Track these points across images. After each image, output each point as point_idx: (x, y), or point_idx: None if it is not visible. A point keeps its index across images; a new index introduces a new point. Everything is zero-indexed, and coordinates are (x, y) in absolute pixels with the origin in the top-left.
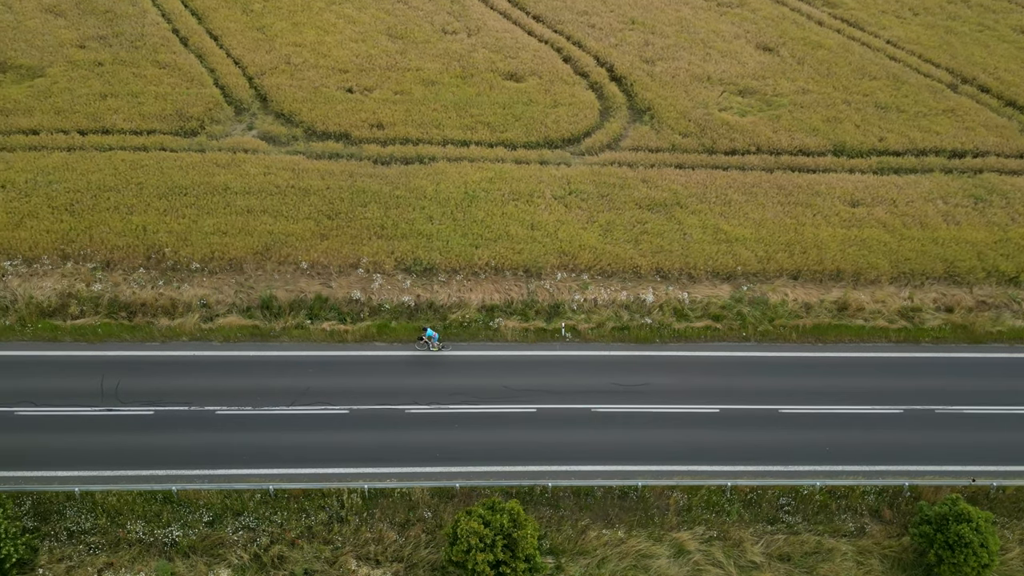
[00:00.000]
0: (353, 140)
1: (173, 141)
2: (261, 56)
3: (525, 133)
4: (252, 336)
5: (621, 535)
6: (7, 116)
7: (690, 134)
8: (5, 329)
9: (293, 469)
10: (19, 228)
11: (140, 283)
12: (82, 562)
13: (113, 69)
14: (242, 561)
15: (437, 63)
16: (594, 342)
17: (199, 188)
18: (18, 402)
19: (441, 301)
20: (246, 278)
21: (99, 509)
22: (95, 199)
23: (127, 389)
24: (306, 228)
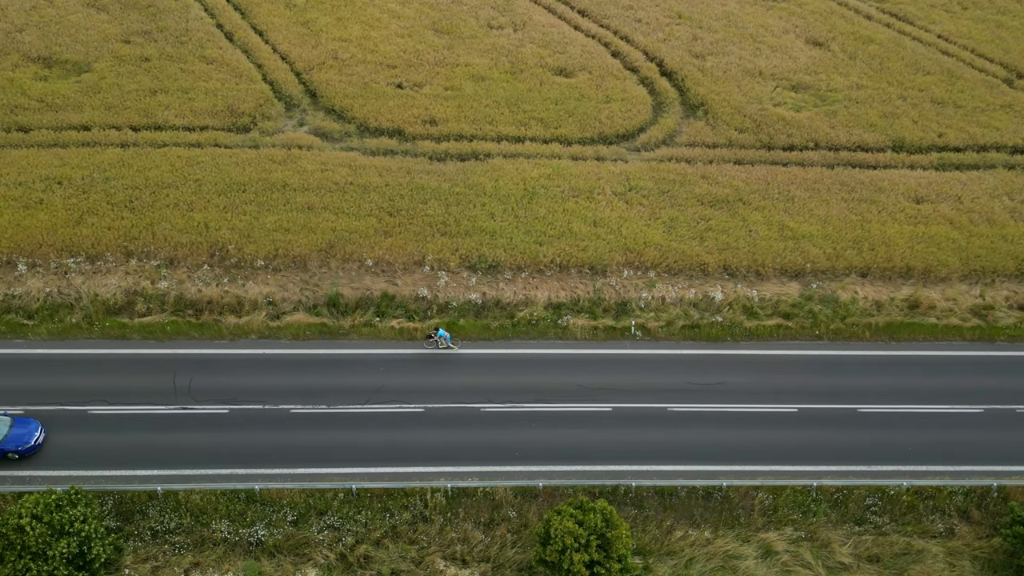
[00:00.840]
0: (406, 136)
1: (226, 137)
2: (308, 51)
3: (579, 129)
4: (321, 334)
5: (708, 535)
6: (57, 112)
7: (746, 130)
8: (72, 327)
9: (373, 468)
10: (80, 225)
11: (205, 280)
12: (167, 562)
13: (160, 64)
14: (328, 561)
15: (485, 59)
16: (664, 340)
17: (257, 185)
18: (91, 400)
19: (507, 299)
20: (310, 275)
21: (182, 508)
22: (154, 196)
23: (200, 387)
24: (368, 225)
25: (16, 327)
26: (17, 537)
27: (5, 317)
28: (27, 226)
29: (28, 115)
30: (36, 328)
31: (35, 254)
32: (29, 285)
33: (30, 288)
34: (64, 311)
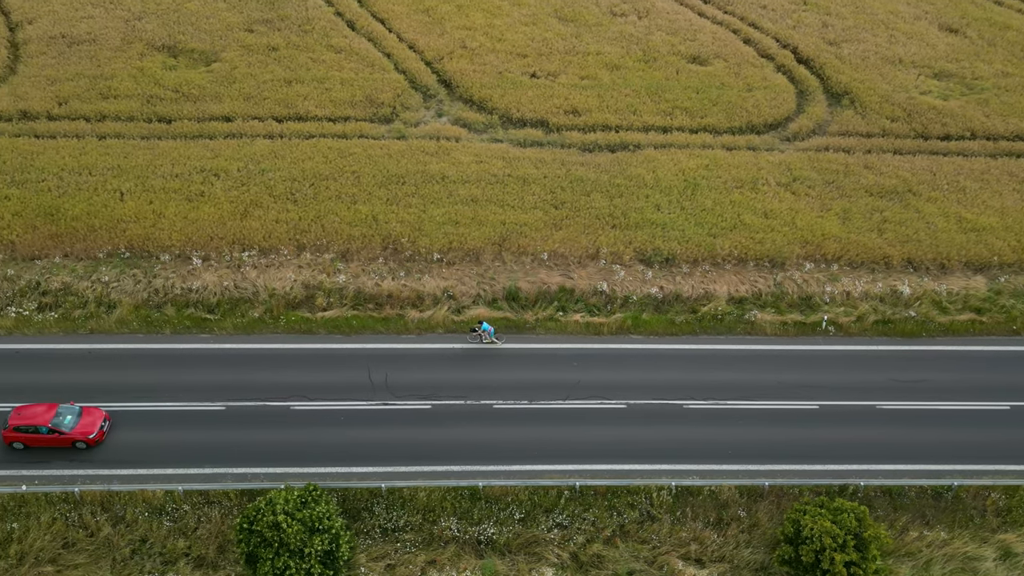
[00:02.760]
0: (551, 127)
1: (371, 128)
2: (434, 40)
3: (727, 118)
4: (506, 328)
5: (944, 536)
6: (195, 102)
7: (898, 119)
8: (256, 321)
9: (588, 465)
10: (247, 218)
11: (380, 274)
12: (401, 560)
13: (289, 54)
14: (561, 560)
15: (615, 47)
16: (857, 336)
17: (415, 177)
18: (292, 396)
19: (686, 293)
20: (484, 269)
21: (408, 506)
22: (314, 188)
23: (396, 382)
24: (536, 218)
25: (199, 322)
26: (273, 535)
27: (186, 311)
28: (193, 219)
29: (167, 105)
30: (220, 323)
31: (206, 247)
32: (205, 279)
33: (207, 282)
34: (244, 305)
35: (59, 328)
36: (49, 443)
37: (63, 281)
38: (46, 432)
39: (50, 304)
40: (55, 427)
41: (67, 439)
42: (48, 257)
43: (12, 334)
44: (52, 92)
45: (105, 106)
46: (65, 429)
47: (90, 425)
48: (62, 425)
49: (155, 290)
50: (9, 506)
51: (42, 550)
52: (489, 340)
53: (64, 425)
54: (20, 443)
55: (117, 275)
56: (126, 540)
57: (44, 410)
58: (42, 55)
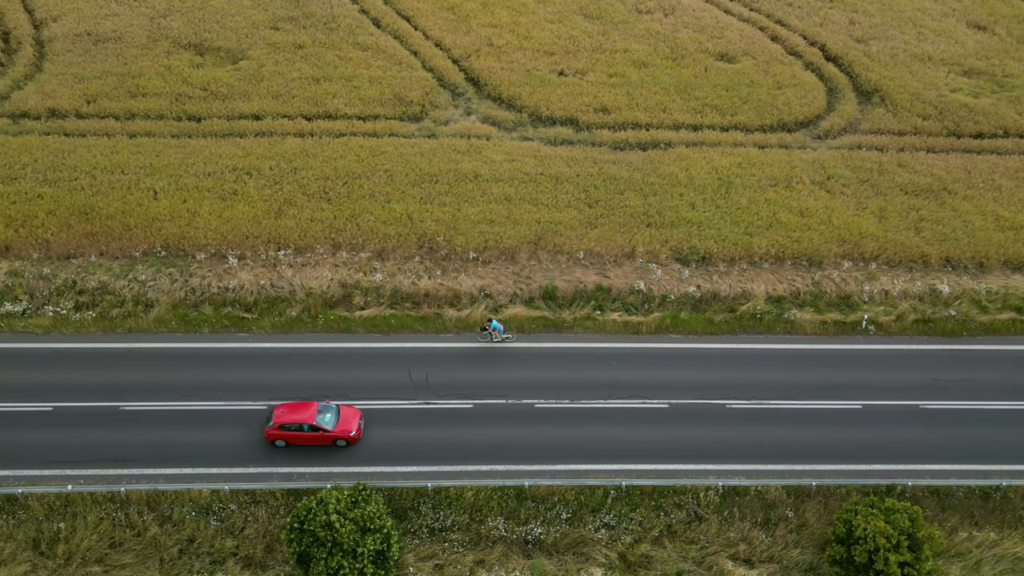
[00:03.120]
0: (580, 125)
1: (401, 126)
2: (460, 38)
3: (757, 116)
4: (544, 327)
5: (993, 536)
6: (224, 100)
7: (930, 117)
8: (294, 320)
9: (633, 464)
10: (282, 216)
11: (416, 273)
12: (449, 560)
13: (315, 52)
14: (609, 560)
15: (643, 44)
16: (897, 335)
17: (448, 175)
18: (334, 396)
19: (724, 292)
20: (520, 268)
21: (455, 505)
22: (348, 187)
23: (437, 381)
24: (570, 217)
25: (237, 321)
26: (326, 534)
27: (223, 310)
28: (228, 217)
29: (195, 104)
30: (258, 322)
31: (242, 246)
32: (241, 278)
33: (243, 281)
34: (282, 304)
35: (97, 327)
36: (311, 441)
37: (100, 280)
38: (308, 430)
39: (87, 303)
40: (318, 425)
41: (329, 437)
42: (83, 256)
43: (50, 333)
44: (80, 90)
45: (134, 104)
46: (327, 427)
47: (350, 423)
48: (324, 423)
49: (192, 289)
50: (55, 506)
51: (89, 550)
52: (500, 338)
53: (326, 423)
54: (282, 440)
55: (153, 274)
56: (173, 540)
57: (305, 408)
58: (68, 53)
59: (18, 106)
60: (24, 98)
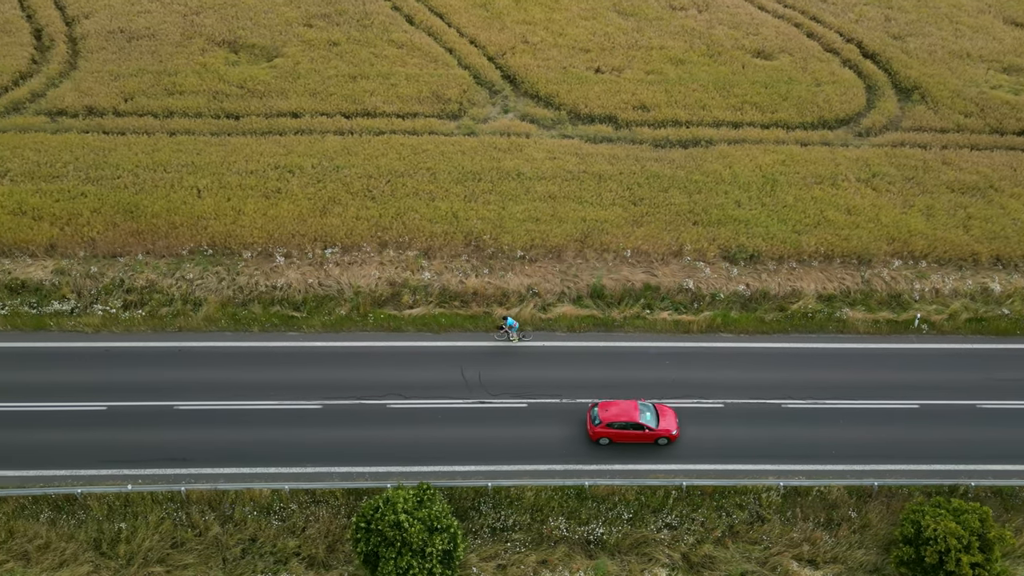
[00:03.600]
0: (620, 123)
1: (441, 124)
2: (495, 35)
3: (798, 114)
4: (594, 326)
5: None
6: (261, 98)
7: (971, 114)
8: (343, 319)
9: (692, 465)
10: (327, 215)
11: (464, 271)
12: (512, 560)
13: (350, 49)
14: (672, 560)
15: (678, 41)
16: (950, 334)
17: (491, 173)
18: (388, 395)
19: (773, 291)
20: (567, 266)
21: (516, 505)
22: (391, 185)
23: (490, 380)
24: (615, 215)
25: (287, 320)
26: (395, 534)
27: (272, 309)
28: (273, 215)
29: (233, 102)
30: (308, 320)
31: (288, 244)
32: (289, 276)
33: (291, 279)
34: (330, 303)
35: (147, 326)
36: (636, 439)
37: (148, 278)
38: (634, 428)
39: (135, 302)
40: (644, 423)
41: (652, 435)
42: (129, 254)
43: (100, 332)
44: (116, 88)
45: (171, 102)
46: (652, 425)
47: (670, 421)
48: (648, 421)
49: (239, 287)
50: (115, 506)
51: (150, 550)
52: (516, 337)
53: (649, 421)
54: (607, 438)
55: (200, 272)
56: (235, 540)
57: (628, 406)
58: (102, 50)
59: (55, 104)
60: (61, 96)
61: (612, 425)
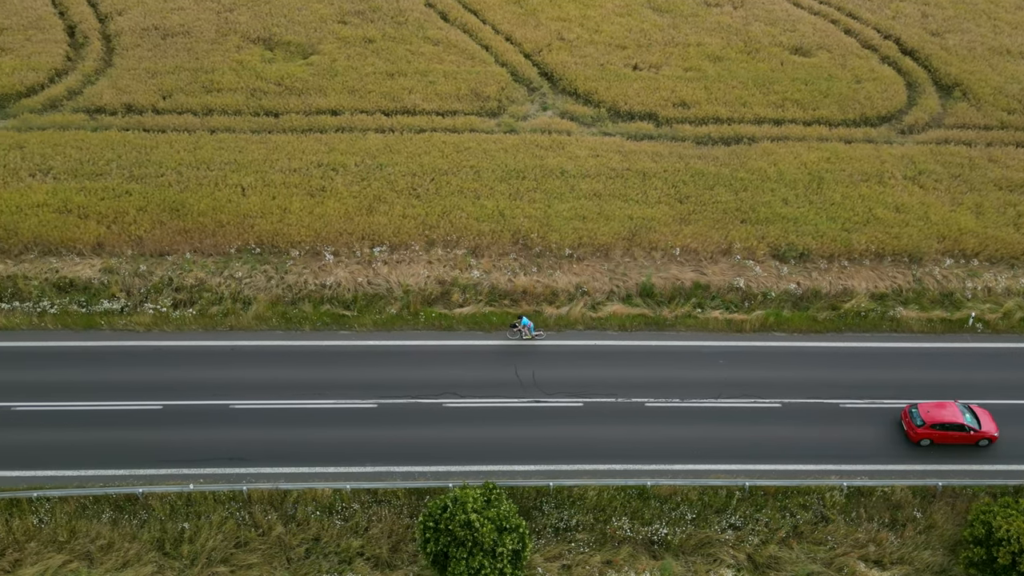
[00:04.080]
0: (660, 120)
1: (481, 122)
2: (530, 32)
3: (840, 111)
4: (646, 325)
5: None
6: (299, 95)
7: (1015, 111)
8: (394, 318)
9: (752, 465)
10: (373, 213)
11: (512, 270)
12: (577, 560)
13: (386, 46)
14: (738, 561)
15: (715, 38)
16: (1005, 333)
17: (535, 171)
18: (442, 394)
19: (824, 289)
20: (615, 265)
21: (578, 505)
22: (435, 183)
23: (544, 379)
24: (662, 212)
25: (338, 318)
26: (466, 534)
27: (322, 308)
28: (319, 214)
29: (271, 99)
30: (359, 319)
31: (336, 242)
32: (338, 275)
33: (339, 278)
34: (380, 302)
35: (198, 325)
36: (959, 440)
37: (197, 277)
38: (958, 430)
39: (184, 300)
40: (968, 425)
41: (975, 437)
42: (176, 253)
43: (151, 330)
44: (154, 85)
45: (209, 100)
46: (976, 427)
47: (990, 423)
48: (971, 423)
49: (288, 286)
50: (176, 505)
51: (214, 550)
52: (530, 336)
53: (972, 423)
54: (928, 439)
55: (248, 271)
56: (299, 539)
57: (948, 408)
58: (137, 47)
59: (93, 101)
60: (98, 93)
61: (937, 427)
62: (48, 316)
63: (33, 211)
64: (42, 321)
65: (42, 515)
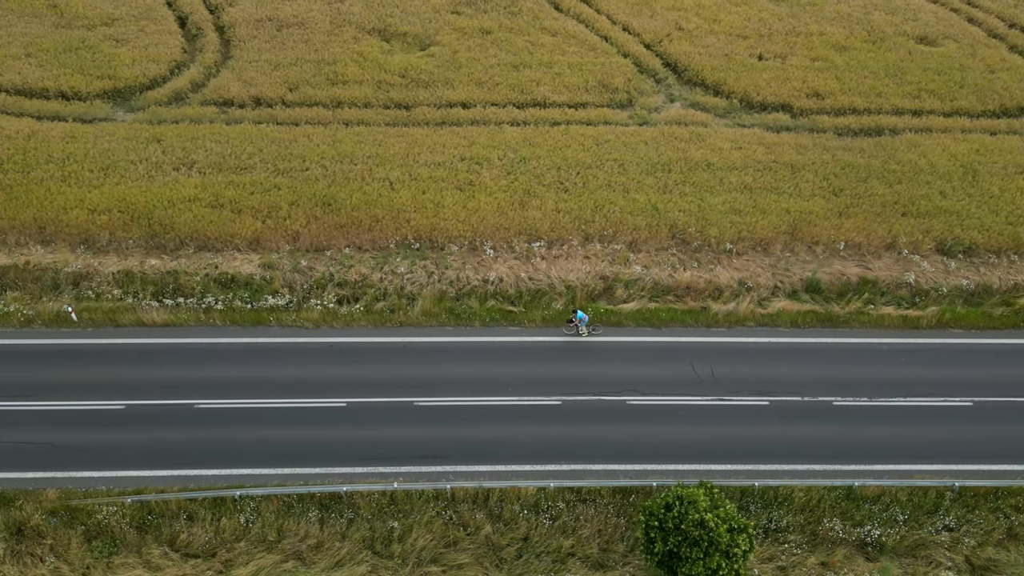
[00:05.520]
0: (795, 111)
1: (614, 114)
2: (646, 21)
3: (979, 101)
4: (817, 322)
5: None
6: (426, 88)
7: None
8: (560, 314)
9: (959, 465)
10: (526, 207)
11: (672, 265)
12: (791, 562)
13: (504, 37)
14: (955, 563)
15: (837, 27)
16: None
17: (679, 164)
18: (623, 391)
19: (995, 285)
20: (776, 260)
21: (785, 505)
22: (582, 177)
23: (724, 377)
24: (818, 206)
25: (505, 314)
26: (701, 533)
27: (487, 304)
28: (473, 208)
29: (398, 91)
30: (527, 315)
31: (493, 237)
32: (498, 270)
33: (500, 273)
34: (544, 297)
35: (366, 321)
36: None
37: (360, 273)
38: None
39: (348, 297)
40: None
41: None
42: (333, 248)
43: (320, 327)
44: (279, 78)
45: (336, 92)
46: None
47: None
48: None
49: (450, 282)
50: (381, 504)
51: (423, 549)
52: (585, 331)
53: None
54: None
55: (409, 266)
56: (508, 539)
57: None
58: (253, 39)
59: (220, 94)
60: (225, 86)
61: None
62: (215, 312)
63: (186, 205)
64: (209, 317)
65: (248, 514)
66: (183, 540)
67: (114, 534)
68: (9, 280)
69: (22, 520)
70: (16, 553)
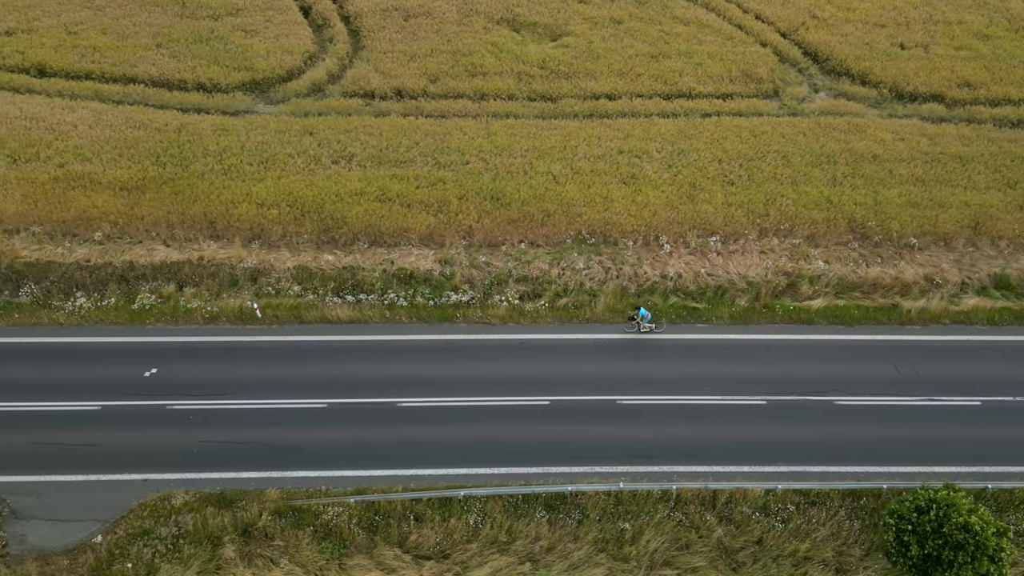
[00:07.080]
0: (948, 102)
1: (763, 105)
2: (779, 10)
3: None
4: (1015, 319)
5: None
6: (567, 79)
7: None
8: (747, 311)
9: None
10: (694, 201)
11: (854, 260)
12: None
13: (637, 27)
14: None
15: (975, 15)
16: None
17: (843, 155)
18: (830, 391)
19: None
20: (959, 255)
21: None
22: (746, 170)
23: (929, 376)
24: (994, 199)
25: (690, 311)
26: (966, 537)
27: (669, 300)
28: (642, 202)
29: (540, 83)
30: (714, 312)
31: (667, 232)
32: (675, 265)
33: (678, 269)
34: (726, 293)
35: (552, 317)
36: None
37: (539, 268)
38: None
39: (529, 292)
40: None
41: None
42: (507, 243)
43: (506, 324)
44: (416, 69)
45: (478, 83)
46: None
47: None
48: None
49: (629, 277)
50: (606, 505)
51: (655, 551)
52: (647, 328)
53: None
54: None
55: (585, 262)
56: (740, 542)
57: None
58: (382, 29)
59: (361, 86)
60: (364, 77)
61: None
62: (399, 309)
63: (354, 200)
64: (394, 314)
65: (476, 515)
66: (413, 541)
67: (342, 535)
68: (184, 276)
69: (248, 521)
70: (246, 555)
